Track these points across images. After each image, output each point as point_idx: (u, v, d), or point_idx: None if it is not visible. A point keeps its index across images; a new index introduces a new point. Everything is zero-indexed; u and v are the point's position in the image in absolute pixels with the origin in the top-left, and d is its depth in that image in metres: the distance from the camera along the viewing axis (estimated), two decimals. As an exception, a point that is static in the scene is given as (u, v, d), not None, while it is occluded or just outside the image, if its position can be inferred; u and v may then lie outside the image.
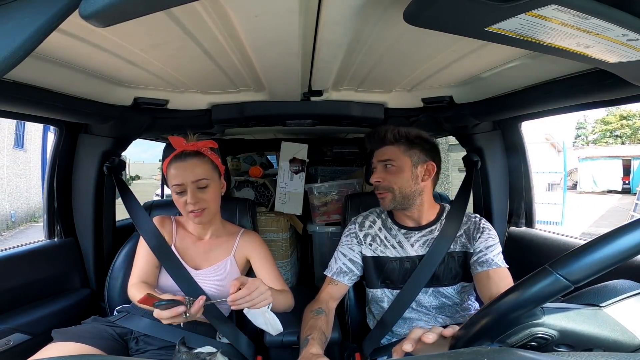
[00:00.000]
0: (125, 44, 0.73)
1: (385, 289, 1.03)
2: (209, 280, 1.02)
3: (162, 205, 1.32)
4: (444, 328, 0.61)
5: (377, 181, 1.02)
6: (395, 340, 1.01)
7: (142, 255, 1.05)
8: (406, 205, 1.02)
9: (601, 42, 0.50)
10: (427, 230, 1.04)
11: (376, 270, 1.04)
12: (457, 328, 0.57)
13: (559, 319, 0.47)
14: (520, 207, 1.36)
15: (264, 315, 0.90)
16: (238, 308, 0.85)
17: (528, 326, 0.47)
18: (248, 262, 1.12)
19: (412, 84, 1.10)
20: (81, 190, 1.27)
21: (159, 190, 2.64)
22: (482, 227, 1.01)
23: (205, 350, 0.91)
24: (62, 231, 1.24)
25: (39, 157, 9.01)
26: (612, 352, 0.45)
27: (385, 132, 1.02)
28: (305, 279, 2.05)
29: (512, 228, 1.38)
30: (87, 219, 1.27)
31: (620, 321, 0.47)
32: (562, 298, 0.50)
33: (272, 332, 0.94)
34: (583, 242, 0.45)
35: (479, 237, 0.99)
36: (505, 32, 0.49)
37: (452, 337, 0.58)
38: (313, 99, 1.16)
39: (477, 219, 1.04)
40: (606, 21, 0.44)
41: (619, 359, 0.41)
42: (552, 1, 0.40)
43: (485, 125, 1.32)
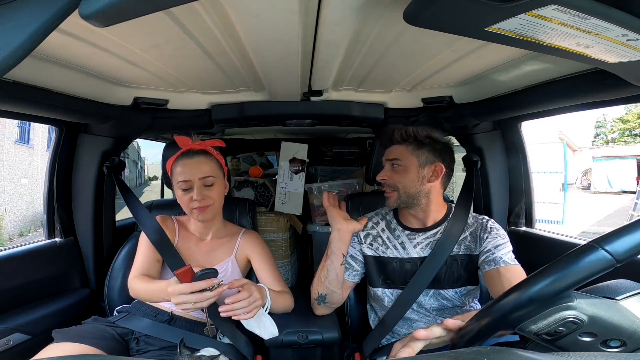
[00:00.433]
0: (125, 44, 0.73)
1: (386, 289, 1.03)
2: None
3: (162, 206, 1.32)
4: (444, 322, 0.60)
5: (383, 179, 1.03)
6: (395, 340, 1.01)
7: (143, 250, 1.05)
8: (411, 205, 1.02)
9: (601, 42, 0.50)
10: (431, 232, 1.03)
11: (377, 269, 1.05)
12: (459, 321, 0.56)
13: (589, 305, 0.45)
14: (520, 207, 1.36)
15: (257, 318, 0.90)
16: (234, 316, 0.87)
17: (560, 309, 0.45)
18: (249, 262, 1.12)
19: (412, 84, 1.10)
20: (81, 190, 1.27)
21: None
22: (490, 228, 0.99)
23: (207, 352, 0.91)
24: (62, 231, 1.24)
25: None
26: (612, 352, 0.45)
27: (392, 131, 1.02)
28: (305, 279, 2.05)
29: (512, 228, 1.38)
30: (87, 219, 1.27)
31: (637, 314, 0.46)
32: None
33: (264, 336, 0.94)
34: (583, 242, 0.45)
35: (486, 238, 0.97)
36: (505, 32, 0.49)
37: (458, 329, 0.57)
38: (313, 98, 1.16)
39: (484, 220, 1.03)
40: (606, 21, 0.44)
41: (618, 359, 0.41)
42: (552, 1, 0.40)
43: (485, 125, 1.32)
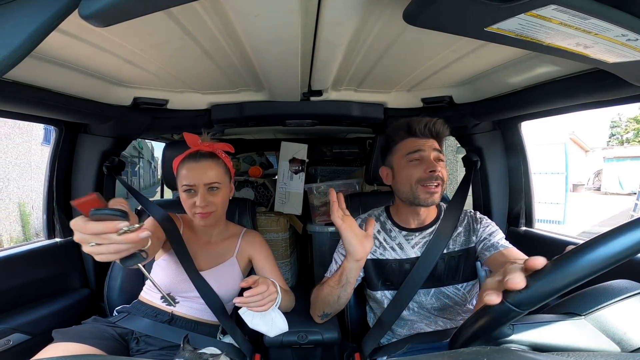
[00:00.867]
0: (125, 44, 0.73)
1: (386, 291, 1.02)
2: (212, 281, 1.02)
3: (162, 206, 1.31)
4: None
5: (438, 173, 0.94)
6: (395, 340, 1.01)
7: (148, 225, 1.02)
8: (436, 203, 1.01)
9: (600, 42, 0.50)
10: (427, 231, 1.03)
11: (376, 273, 1.04)
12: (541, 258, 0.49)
13: (528, 335, 0.48)
14: (520, 207, 1.36)
15: (266, 315, 0.90)
16: (246, 306, 0.84)
17: (498, 345, 0.49)
18: (250, 262, 1.12)
19: (412, 84, 1.10)
20: (81, 190, 1.27)
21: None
22: (479, 218, 1.04)
23: (209, 351, 0.92)
24: (62, 231, 1.24)
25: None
26: (612, 352, 0.45)
27: (444, 126, 0.99)
28: (305, 279, 2.05)
29: (512, 228, 1.38)
30: (87, 219, 1.27)
31: (601, 329, 0.47)
32: (558, 299, 0.50)
33: (271, 334, 0.93)
34: (582, 242, 0.45)
35: (479, 228, 1.01)
36: (505, 32, 0.49)
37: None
38: (313, 98, 1.16)
39: (471, 212, 1.07)
40: (605, 21, 0.44)
41: (618, 359, 0.41)
42: (552, 1, 0.40)
43: (485, 125, 1.32)
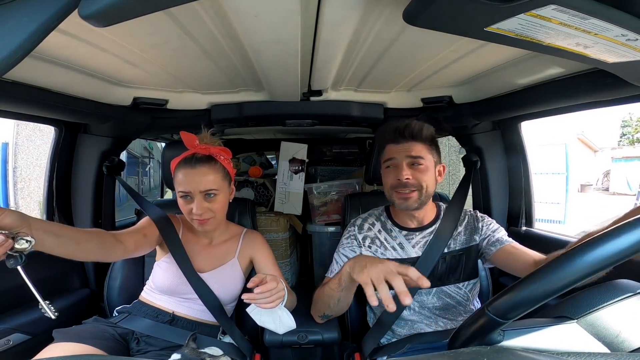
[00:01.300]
0: (124, 44, 0.73)
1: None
2: (213, 282, 1.02)
3: (162, 206, 1.31)
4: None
5: (407, 179, 0.95)
6: (396, 340, 1.01)
7: (140, 223, 1.02)
8: (423, 206, 1.01)
9: (600, 42, 0.50)
10: (428, 230, 1.04)
11: None
12: None
13: (519, 340, 0.49)
14: (520, 207, 1.36)
15: (273, 313, 0.90)
16: (254, 302, 0.83)
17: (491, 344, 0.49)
18: (251, 262, 1.11)
19: (412, 84, 1.10)
20: (81, 190, 1.26)
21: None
22: (481, 216, 1.06)
23: (211, 351, 0.92)
24: (61, 231, 1.24)
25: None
26: (612, 352, 0.45)
27: (420, 128, 0.97)
28: (305, 279, 2.05)
29: (512, 228, 1.38)
30: (87, 219, 1.27)
31: (593, 333, 0.47)
32: (557, 300, 0.51)
33: (280, 331, 0.92)
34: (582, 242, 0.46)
35: (482, 226, 1.03)
36: (504, 32, 0.49)
37: None
38: (312, 98, 1.16)
39: (471, 212, 1.08)
40: (605, 21, 0.44)
41: (618, 359, 0.41)
42: (552, 1, 0.40)
43: (485, 125, 1.32)
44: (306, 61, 0.85)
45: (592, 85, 0.79)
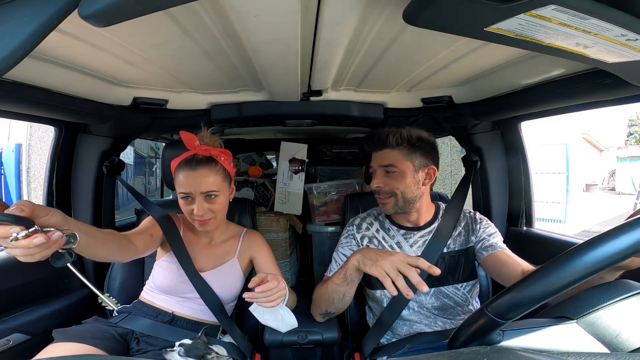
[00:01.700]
0: (124, 44, 0.73)
1: (385, 290, 1.02)
2: (213, 282, 1.02)
3: (161, 206, 1.31)
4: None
5: (379, 186, 0.99)
6: (396, 340, 1.01)
7: (144, 223, 1.04)
8: (407, 210, 1.01)
9: (600, 42, 0.50)
10: (426, 230, 1.04)
11: None
12: None
13: (518, 341, 0.49)
14: (520, 207, 1.36)
15: (275, 311, 0.90)
16: (256, 301, 0.84)
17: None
18: (251, 262, 1.12)
19: (412, 84, 1.10)
20: (80, 190, 1.26)
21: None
22: (479, 219, 1.06)
23: (216, 348, 0.94)
24: (61, 231, 1.24)
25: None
26: (612, 352, 0.45)
27: (387, 135, 0.98)
28: (305, 279, 2.05)
29: (512, 228, 1.38)
30: (87, 219, 1.27)
31: (592, 333, 0.47)
32: (553, 302, 0.51)
33: (282, 329, 0.93)
34: (580, 241, 0.46)
35: (479, 228, 1.03)
36: (504, 32, 0.49)
37: None
38: (312, 98, 1.16)
39: (471, 213, 1.08)
40: (605, 21, 0.44)
41: (618, 359, 0.41)
42: (551, 1, 0.40)
43: (485, 125, 1.32)
44: (306, 61, 0.85)
45: (592, 85, 0.78)
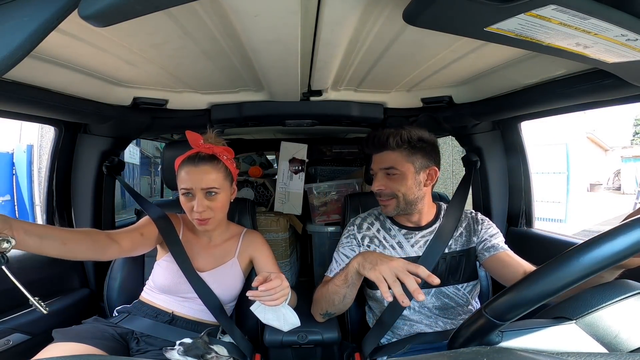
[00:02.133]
0: (124, 44, 0.73)
1: None
2: (212, 282, 1.02)
3: (161, 206, 1.32)
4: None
5: (380, 189, 0.99)
6: (396, 340, 1.01)
7: (138, 222, 1.03)
8: (409, 211, 1.01)
9: (600, 42, 0.50)
10: (427, 230, 1.04)
11: None
12: None
13: (517, 341, 0.49)
14: (520, 207, 1.36)
15: (278, 310, 0.90)
16: (259, 299, 0.84)
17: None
18: (251, 262, 1.11)
19: (412, 84, 1.10)
20: (80, 190, 1.26)
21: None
22: (481, 219, 1.06)
23: (218, 349, 0.95)
24: (61, 231, 1.24)
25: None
26: (611, 352, 0.45)
27: (387, 137, 0.97)
28: (305, 279, 2.05)
29: (512, 228, 1.38)
30: (87, 219, 1.27)
31: (591, 333, 0.48)
32: (552, 303, 0.52)
33: (284, 328, 0.93)
34: (580, 241, 0.46)
35: (480, 229, 1.03)
36: (504, 32, 0.49)
37: None
38: (312, 98, 1.16)
39: (472, 213, 1.08)
40: (605, 21, 0.44)
41: (618, 359, 0.41)
42: (551, 1, 0.40)
43: (485, 125, 1.32)
44: (306, 61, 0.85)
45: (592, 85, 0.78)
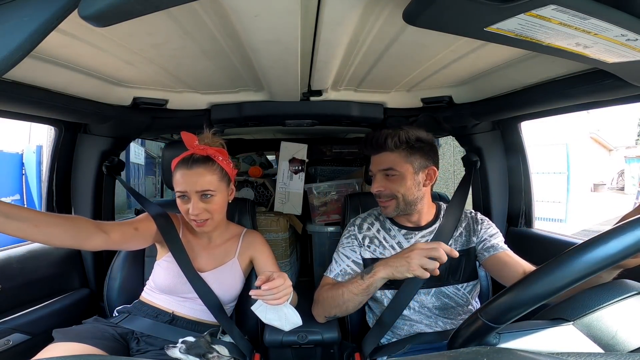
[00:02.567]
0: (124, 44, 0.73)
1: (386, 290, 1.02)
2: (213, 282, 1.02)
3: (161, 205, 1.31)
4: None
5: (379, 190, 0.99)
6: (396, 340, 1.01)
7: (136, 217, 1.03)
8: (409, 211, 1.01)
9: (600, 42, 0.50)
10: (427, 230, 1.04)
11: None
12: None
13: (514, 343, 0.49)
14: (520, 207, 1.36)
15: (279, 310, 0.90)
16: (262, 298, 0.84)
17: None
18: (251, 262, 1.11)
19: (412, 84, 1.10)
20: (80, 190, 1.26)
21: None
22: (481, 219, 1.06)
23: (221, 350, 0.95)
24: (61, 231, 1.24)
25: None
26: (611, 352, 0.45)
27: (385, 138, 0.97)
28: (305, 279, 2.05)
29: (512, 228, 1.38)
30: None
31: (588, 334, 0.48)
32: (551, 304, 0.52)
33: (286, 328, 0.93)
34: (581, 241, 0.45)
35: (480, 228, 1.03)
36: (504, 32, 0.49)
37: None
38: (312, 98, 1.16)
39: (472, 213, 1.08)
40: (605, 21, 0.44)
41: (618, 359, 0.41)
42: (552, 1, 0.40)
43: (485, 125, 1.32)
44: (306, 61, 0.85)
45: (592, 86, 0.78)
